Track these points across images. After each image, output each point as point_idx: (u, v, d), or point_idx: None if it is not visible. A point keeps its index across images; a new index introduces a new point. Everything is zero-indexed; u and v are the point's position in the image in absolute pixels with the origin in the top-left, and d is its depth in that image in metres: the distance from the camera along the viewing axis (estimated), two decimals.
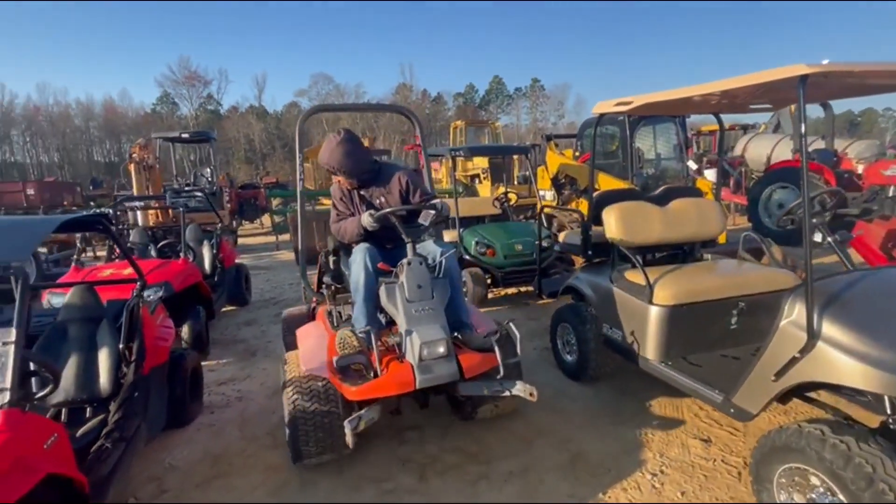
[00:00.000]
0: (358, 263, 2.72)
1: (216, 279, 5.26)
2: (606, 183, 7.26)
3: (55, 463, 1.85)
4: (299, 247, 3.44)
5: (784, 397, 2.26)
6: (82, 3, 63.84)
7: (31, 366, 2.10)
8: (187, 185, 10.90)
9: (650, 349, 2.95)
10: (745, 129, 12.73)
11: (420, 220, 2.78)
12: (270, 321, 5.37)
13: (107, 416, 2.47)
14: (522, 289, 5.97)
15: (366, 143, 21.00)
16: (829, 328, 2.02)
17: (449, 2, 76.39)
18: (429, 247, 2.86)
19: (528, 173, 9.84)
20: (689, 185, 6.70)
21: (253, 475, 2.70)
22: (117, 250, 5.24)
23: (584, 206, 6.97)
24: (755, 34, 78.93)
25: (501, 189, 8.20)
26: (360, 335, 2.55)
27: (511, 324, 2.69)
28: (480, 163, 13.72)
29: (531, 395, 2.46)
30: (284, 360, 2.80)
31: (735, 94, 2.64)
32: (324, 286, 3.21)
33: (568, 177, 8.28)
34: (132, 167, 7.43)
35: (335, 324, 2.92)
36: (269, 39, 75.27)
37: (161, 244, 5.21)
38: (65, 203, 14.39)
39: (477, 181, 14.41)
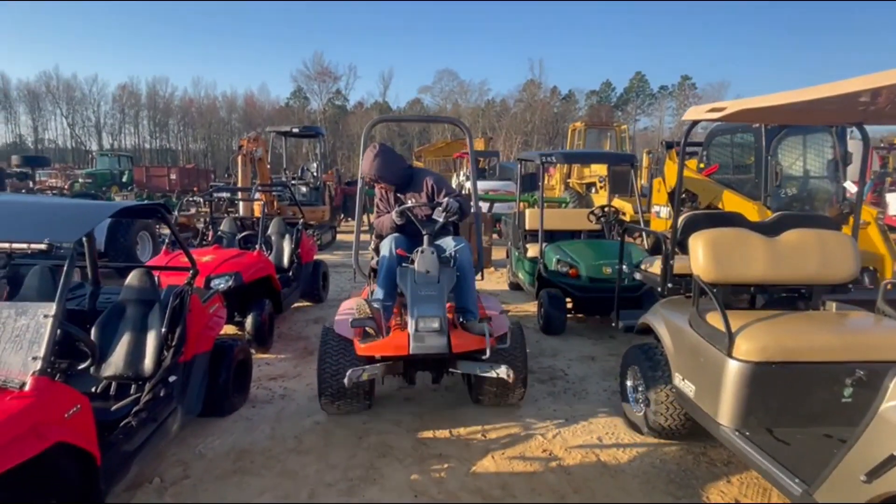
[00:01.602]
0: (385, 249, 3.44)
1: (291, 274, 5.60)
2: (732, 203, 6.47)
3: (71, 433, 2.08)
4: (357, 237, 3.97)
5: None
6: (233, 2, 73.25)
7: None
8: (294, 178, 11.96)
9: (724, 412, 2.53)
10: None
11: (434, 217, 3.45)
12: None
13: (141, 395, 2.76)
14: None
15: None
16: None
17: None
18: (447, 242, 3.46)
19: (644, 185, 9.17)
20: (845, 211, 5.72)
21: (267, 478, 2.82)
22: (210, 234, 5.91)
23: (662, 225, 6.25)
24: None
25: (600, 199, 7.73)
26: (375, 305, 3.25)
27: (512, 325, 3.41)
28: (599, 170, 13.11)
29: (508, 376, 3.02)
30: (323, 334, 3.44)
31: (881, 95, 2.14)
32: (370, 270, 3.78)
33: (688, 191, 7.53)
34: (240, 159, 8.32)
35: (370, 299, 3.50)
36: (397, 35, 79.92)
37: (241, 235, 5.71)
38: (195, 188, 16.69)
39: (593, 190, 13.82)
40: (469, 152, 4.34)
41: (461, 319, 3.25)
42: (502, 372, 3.04)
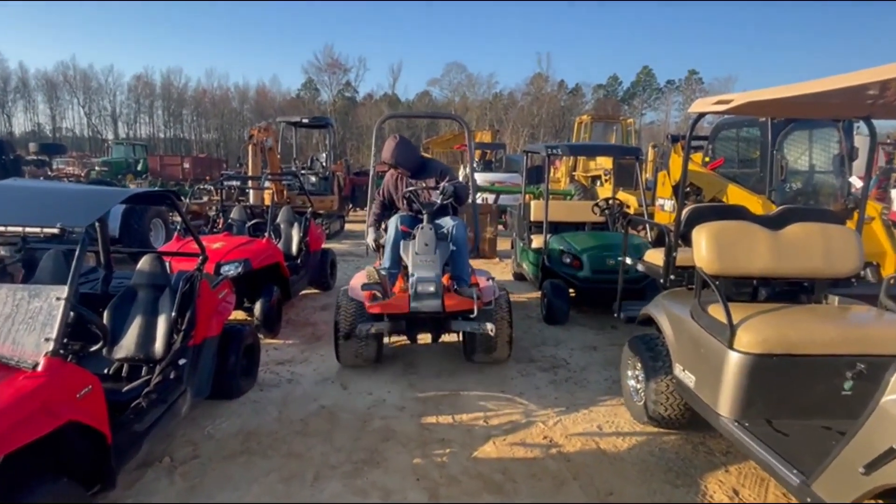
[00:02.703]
0: (391, 225, 3.99)
1: (299, 262, 5.61)
2: (737, 196, 6.38)
3: (82, 412, 2.10)
4: (369, 216, 4.44)
5: (882, 497, 1.76)
6: None
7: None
8: (303, 168, 11.94)
9: (724, 403, 2.50)
10: None
11: (434, 199, 4.01)
12: None
13: (151, 377, 2.78)
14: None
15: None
16: None
17: None
18: (446, 221, 3.99)
19: (648, 178, 9.08)
20: (849, 206, 5.63)
21: (274, 459, 2.84)
22: (221, 222, 5.92)
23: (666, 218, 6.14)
24: None
25: (605, 192, 7.66)
26: (382, 272, 3.86)
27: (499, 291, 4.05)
28: (604, 163, 13.02)
29: (491, 330, 3.54)
30: (338, 298, 4.02)
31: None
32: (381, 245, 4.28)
33: (692, 185, 7.44)
34: (250, 148, 8.31)
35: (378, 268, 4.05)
36: (407, 28, 79.16)
37: (251, 223, 5.71)
38: (207, 177, 16.73)
39: (598, 183, 13.72)
40: (468, 145, 4.89)
41: (455, 286, 3.77)
42: (487, 328, 3.57)
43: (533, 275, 5.99)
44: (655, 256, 3.69)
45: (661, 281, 3.35)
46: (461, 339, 4.16)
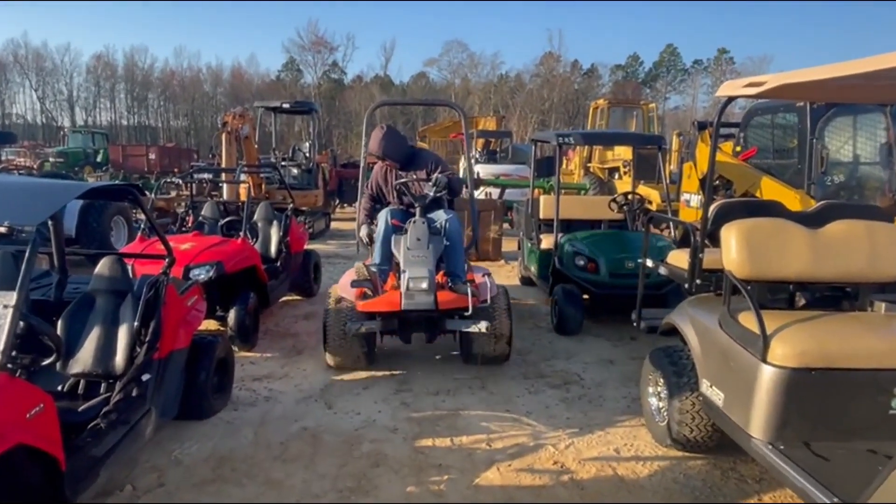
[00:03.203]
0: (381, 219, 4.24)
1: (279, 265, 5.63)
2: (772, 191, 6.41)
3: (32, 434, 2.09)
4: (360, 210, 4.77)
5: None
6: None
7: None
8: (284, 159, 11.96)
9: (757, 423, 2.51)
10: None
11: (426, 191, 4.26)
12: None
13: (111, 394, 2.78)
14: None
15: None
16: None
17: None
18: (439, 214, 4.24)
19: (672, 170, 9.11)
20: None
21: (250, 487, 2.84)
22: (190, 220, 5.92)
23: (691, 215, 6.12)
24: None
25: (623, 186, 7.68)
26: (373, 269, 4.12)
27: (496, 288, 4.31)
28: (623, 153, 13.05)
29: (486, 328, 3.83)
30: (328, 293, 4.38)
31: None
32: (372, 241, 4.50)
33: (722, 178, 7.47)
34: (224, 137, 8.31)
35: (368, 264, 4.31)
36: (400, 2, 79.28)
37: (224, 221, 5.71)
38: (175, 169, 16.76)
39: (616, 176, 13.76)
40: (464, 135, 5.12)
41: (450, 283, 4.00)
42: (482, 326, 3.83)
43: (542, 279, 6.00)
44: (680, 258, 3.70)
45: (686, 286, 3.36)
46: (458, 339, 4.39)
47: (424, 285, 3.72)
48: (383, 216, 4.22)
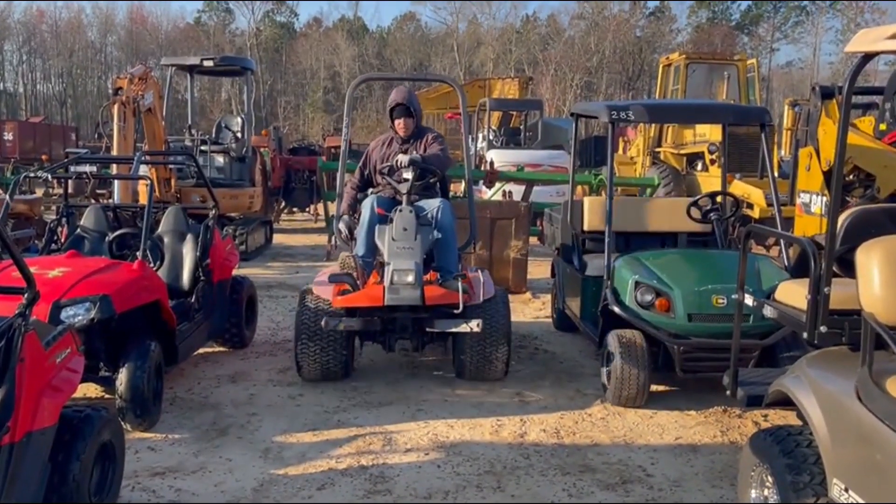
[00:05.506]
0: (366, 206, 5.30)
1: (194, 300, 5.61)
2: None
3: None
4: (340, 199, 5.83)
5: None
6: None
7: None
8: (204, 142, 12.00)
9: None
10: None
11: (405, 175, 5.25)
12: (270, 380, 5.62)
13: None
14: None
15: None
16: None
17: None
18: (431, 202, 5.33)
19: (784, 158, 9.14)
20: None
21: None
22: (64, 232, 5.92)
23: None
24: None
25: (709, 182, 7.69)
26: (358, 261, 5.25)
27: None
28: (709, 133, 13.18)
29: (477, 326, 4.86)
30: (302, 294, 5.54)
31: None
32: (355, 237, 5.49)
33: (858, 170, 7.51)
34: (115, 109, 8.29)
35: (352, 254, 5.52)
36: None
37: (114, 235, 5.61)
38: (44, 156, 16.76)
39: (699, 167, 13.84)
40: (462, 114, 6.22)
41: (440, 280, 5.00)
42: (474, 325, 4.82)
43: (588, 321, 6.02)
44: (795, 293, 3.71)
45: (806, 335, 3.36)
46: (449, 346, 5.53)
47: (410, 279, 4.72)
48: (368, 203, 5.26)
